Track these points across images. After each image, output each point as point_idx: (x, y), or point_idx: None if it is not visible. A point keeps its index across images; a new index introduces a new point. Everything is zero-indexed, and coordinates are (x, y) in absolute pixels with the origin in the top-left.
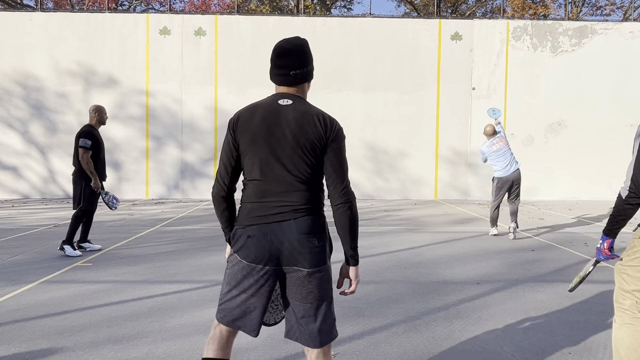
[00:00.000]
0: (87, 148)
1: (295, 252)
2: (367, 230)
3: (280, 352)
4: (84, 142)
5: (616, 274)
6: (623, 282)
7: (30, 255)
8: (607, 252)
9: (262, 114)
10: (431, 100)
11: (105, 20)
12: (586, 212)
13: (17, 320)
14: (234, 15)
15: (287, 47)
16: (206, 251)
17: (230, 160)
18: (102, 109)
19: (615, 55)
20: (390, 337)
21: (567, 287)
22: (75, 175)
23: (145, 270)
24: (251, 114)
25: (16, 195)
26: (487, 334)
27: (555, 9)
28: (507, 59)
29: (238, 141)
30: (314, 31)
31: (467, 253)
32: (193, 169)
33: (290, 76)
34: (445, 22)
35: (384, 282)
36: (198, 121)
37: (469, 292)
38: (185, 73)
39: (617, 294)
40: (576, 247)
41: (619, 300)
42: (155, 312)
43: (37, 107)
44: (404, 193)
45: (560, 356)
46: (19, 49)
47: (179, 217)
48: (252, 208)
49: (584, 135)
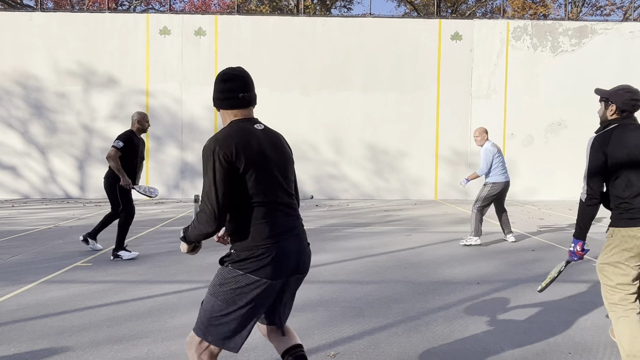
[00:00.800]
0: (117, 148)
1: (308, 259)
2: (367, 230)
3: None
4: (116, 142)
5: (598, 273)
6: (606, 278)
7: (30, 255)
8: (581, 252)
9: (256, 140)
10: (431, 100)
11: (105, 20)
12: None
13: (17, 320)
14: (234, 15)
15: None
16: (206, 251)
17: (230, 189)
18: (143, 116)
19: (615, 55)
20: (390, 337)
21: (567, 286)
22: (107, 180)
23: (145, 270)
24: (245, 141)
25: (16, 195)
26: (487, 334)
27: (555, 9)
28: (507, 59)
29: (240, 169)
30: (314, 31)
31: (467, 253)
32: (193, 169)
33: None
34: (445, 22)
35: (384, 282)
36: (198, 121)
37: (469, 292)
38: (185, 73)
39: (605, 291)
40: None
41: (607, 297)
42: (155, 312)
43: (37, 107)
44: (404, 193)
45: (560, 356)
46: (19, 49)
47: (179, 217)
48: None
49: (584, 135)
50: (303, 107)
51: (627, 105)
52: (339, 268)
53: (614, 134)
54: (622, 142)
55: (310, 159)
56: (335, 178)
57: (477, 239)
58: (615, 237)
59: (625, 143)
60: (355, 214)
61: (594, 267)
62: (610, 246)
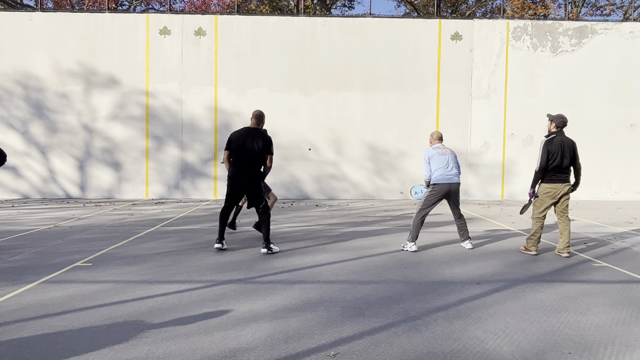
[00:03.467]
0: None
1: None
2: (367, 230)
3: (280, 352)
4: None
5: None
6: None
7: (30, 255)
8: (532, 194)
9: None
10: (431, 100)
11: (105, 20)
12: (586, 212)
13: (17, 320)
14: (234, 15)
15: None
16: (206, 251)
17: None
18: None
19: (615, 55)
20: (390, 337)
21: (567, 286)
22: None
23: (145, 270)
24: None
25: (16, 195)
26: (487, 334)
27: (555, 9)
28: (507, 59)
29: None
30: (314, 31)
31: (467, 253)
32: (193, 169)
33: None
34: (445, 22)
35: (384, 282)
36: (198, 121)
37: (469, 292)
38: (185, 73)
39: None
40: (576, 247)
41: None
42: (155, 312)
43: (38, 107)
44: (404, 193)
45: (560, 356)
46: (19, 49)
47: (179, 217)
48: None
49: (584, 135)
50: (303, 107)
51: (560, 124)
52: (339, 268)
53: (555, 139)
54: (557, 143)
55: (310, 159)
56: (336, 178)
57: (412, 245)
58: (542, 187)
59: (558, 144)
60: (355, 214)
61: (594, 268)
62: (542, 191)
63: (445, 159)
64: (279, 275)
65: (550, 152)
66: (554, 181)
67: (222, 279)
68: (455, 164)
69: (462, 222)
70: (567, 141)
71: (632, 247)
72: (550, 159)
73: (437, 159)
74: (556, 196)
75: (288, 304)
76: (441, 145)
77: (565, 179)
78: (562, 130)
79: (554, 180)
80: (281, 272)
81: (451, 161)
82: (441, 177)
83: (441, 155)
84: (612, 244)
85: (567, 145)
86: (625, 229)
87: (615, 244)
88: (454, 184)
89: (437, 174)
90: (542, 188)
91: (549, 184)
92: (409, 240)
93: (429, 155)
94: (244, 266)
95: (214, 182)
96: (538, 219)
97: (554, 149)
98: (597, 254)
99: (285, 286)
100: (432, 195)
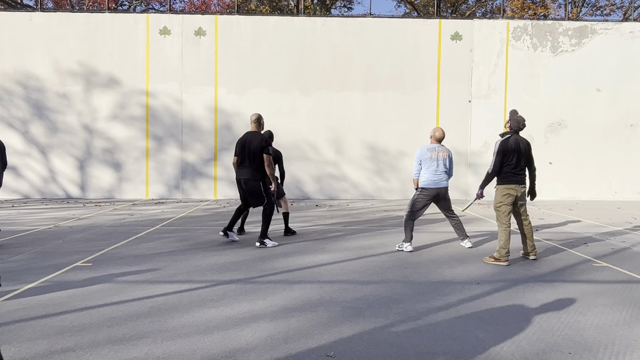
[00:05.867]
0: None
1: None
2: (367, 230)
3: (280, 352)
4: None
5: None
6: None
7: (30, 255)
8: (480, 195)
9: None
10: (431, 100)
11: (105, 20)
12: (586, 212)
13: (17, 320)
14: (234, 15)
15: None
16: (206, 251)
17: None
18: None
19: (615, 55)
20: (390, 337)
21: (567, 286)
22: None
23: (145, 270)
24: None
25: (16, 195)
26: (487, 334)
27: (555, 9)
28: (507, 59)
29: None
30: (314, 31)
31: (467, 253)
32: (194, 169)
33: None
34: (445, 22)
35: (384, 282)
36: (198, 121)
37: (469, 292)
38: (185, 73)
39: (498, 216)
40: (576, 247)
41: (499, 219)
42: (155, 312)
43: (38, 107)
44: (404, 193)
45: (560, 356)
46: (19, 49)
47: (179, 217)
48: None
49: (584, 135)
50: (303, 107)
51: (516, 127)
52: (339, 268)
53: (510, 139)
54: (512, 144)
55: (310, 159)
56: (336, 178)
57: (407, 245)
58: (499, 189)
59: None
60: (355, 214)
61: (594, 268)
62: (500, 194)
63: (435, 164)
64: (279, 275)
65: (506, 152)
66: (511, 182)
67: (222, 279)
68: (445, 167)
69: (456, 221)
70: (523, 141)
71: (632, 247)
72: (505, 161)
73: (427, 163)
74: (514, 197)
75: (288, 304)
76: (437, 146)
77: (521, 180)
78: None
79: (510, 181)
80: (281, 272)
81: (441, 165)
82: (429, 181)
83: (432, 160)
84: (612, 244)
85: (522, 146)
86: (625, 229)
87: (616, 244)
88: (442, 188)
89: (425, 177)
90: (500, 191)
91: (505, 185)
92: (404, 242)
93: (421, 158)
94: (244, 266)
95: (214, 182)
96: (507, 227)
97: (509, 149)
98: (597, 254)
99: (285, 286)
100: (420, 199)
